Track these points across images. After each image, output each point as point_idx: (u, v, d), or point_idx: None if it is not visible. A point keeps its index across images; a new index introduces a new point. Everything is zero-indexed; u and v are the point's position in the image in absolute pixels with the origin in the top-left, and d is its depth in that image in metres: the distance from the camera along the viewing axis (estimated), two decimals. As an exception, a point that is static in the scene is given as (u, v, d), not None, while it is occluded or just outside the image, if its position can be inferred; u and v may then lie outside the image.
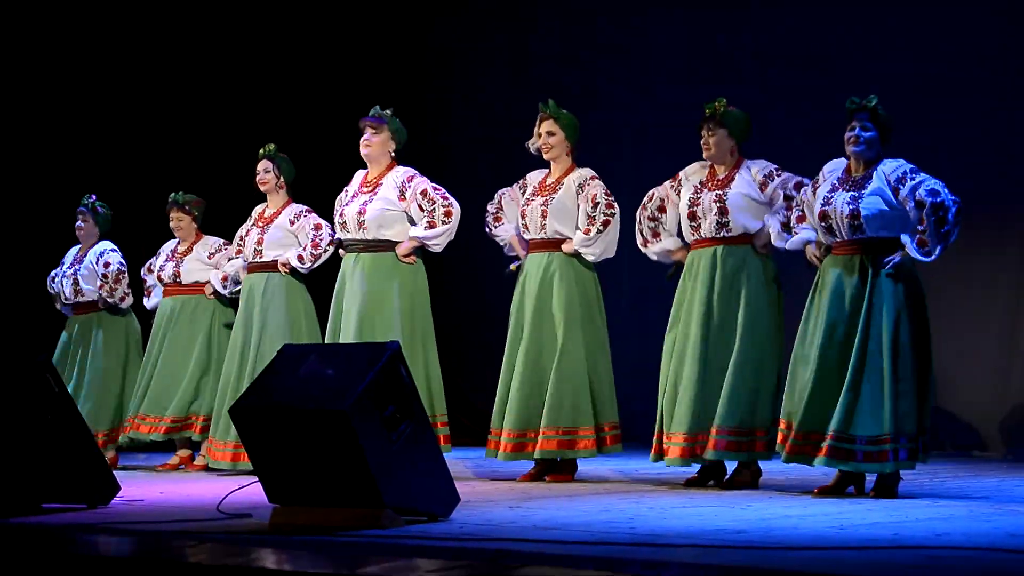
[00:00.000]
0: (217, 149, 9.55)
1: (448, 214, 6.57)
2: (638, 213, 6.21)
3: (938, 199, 5.25)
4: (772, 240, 5.85)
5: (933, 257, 5.27)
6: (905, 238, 5.31)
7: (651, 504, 5.15)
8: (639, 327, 8.05)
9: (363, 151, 6.68)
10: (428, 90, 9.99)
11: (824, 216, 5.44)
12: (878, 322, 5.32)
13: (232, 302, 7.49)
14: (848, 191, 5.41)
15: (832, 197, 5.43)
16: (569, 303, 6.30)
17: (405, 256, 6.59)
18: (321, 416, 4.39)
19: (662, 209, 6.16)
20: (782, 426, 5.49)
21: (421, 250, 6.66)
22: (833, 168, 5.57)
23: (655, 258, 6.22)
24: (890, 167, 5.40)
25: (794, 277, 6.20)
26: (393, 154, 6.71)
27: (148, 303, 7.80)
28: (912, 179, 5.33)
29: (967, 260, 7.64)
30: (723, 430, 5.75)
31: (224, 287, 7.47)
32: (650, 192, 6.20)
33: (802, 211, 5.65)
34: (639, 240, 6.23)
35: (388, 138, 6.68)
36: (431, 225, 6.56)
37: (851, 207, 5.36)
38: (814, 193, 5.55)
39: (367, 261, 6.60)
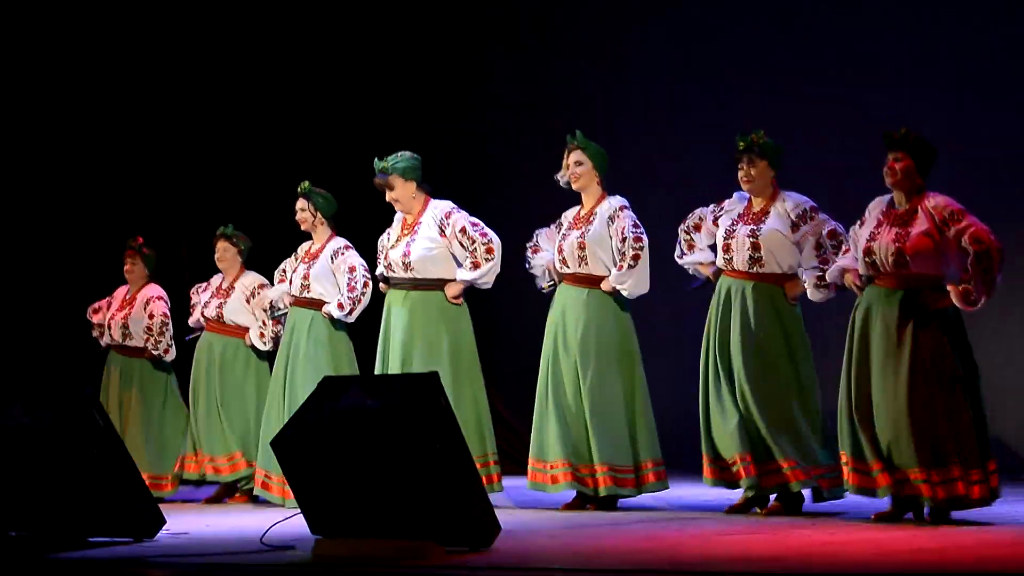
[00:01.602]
0: (261, 184, 9.64)
1: (490, 251, 6.59)
2: (679, 227, 6.27)
3: (982, 248, 5.21)
4: (808, 294, 5.86)
5: (978, 307, 5.25)
6: (950, 288, 5.27)
7: (693, 532, 5.14)
8: (675, 360, 8.03)
9: (396, 207, 6.69)
10: (462, 118, 10.03)
11: (868, 252, 5.42)
12: (917, 363, 5.28)
13: (269, 356, 7.56)
14: (893, 227, 5.39)
15: (878, 232, 5.42)
16: (607, 345, 6.29)
17: (454, 298, 6.61)
18: (362, 447, 4.42)
19: (697, 228, 6.21)
20: (843, 459, 5.47)
21: (468, 288, 6.68)
22: (878, 204, 5.56)
23: (689, 269, 6.27)
24: (934, 204, 5.35)
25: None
26: (419, 191, 6.68)
27: (191, 319, 7.89)
28: (957, 223, 5.28)
29: (1008, 289, 7.57)
30: (791, 461, 5.76)
31: (264, 344, 7.55)
32: (694, 211, 6.25)
33: (849, 246, 5.65)
34: (676, 251, 6.28)
35: (403, 183, 6.65)
36: (475, 265, 6.58)
37: (897, 244, 5.34)
38: (860, 228, 5.54)
39: (415, 300, 6.61)
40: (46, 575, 4.43)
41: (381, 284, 6.84)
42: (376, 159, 6.68)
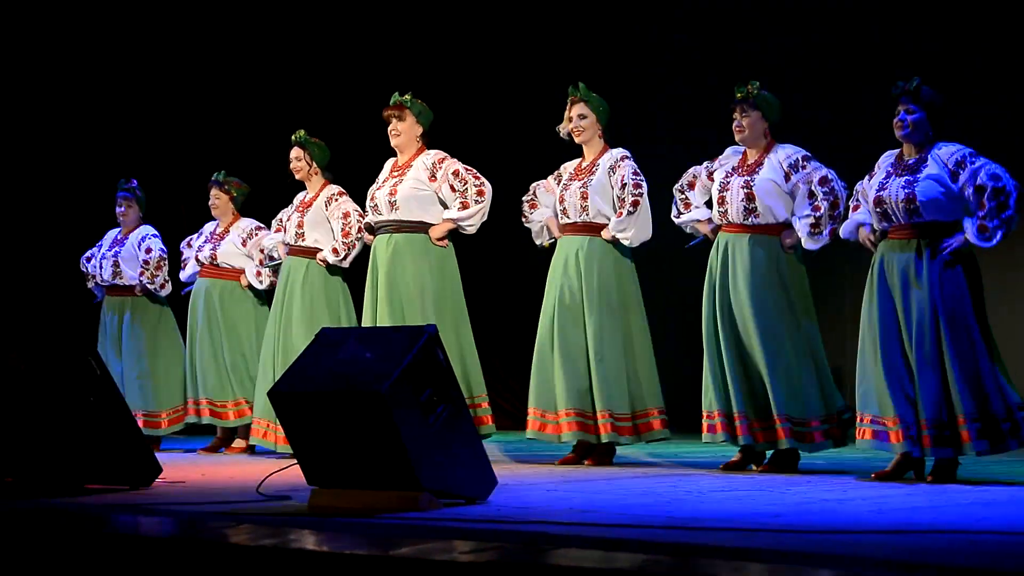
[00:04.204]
0: (257, 133, 9.61)
1: (480, 193, 6.58)
2: (674, 187, 6.24)
3: (1000, 183, 5.18)
4: (803, 243, 5.83)
5: (993, 243, 5.21)
6: (966, 223, 5.24)
7: (689, 488, 5.14)
8: (681, 314, 8.02)
9: (392, 141, 6.70)
10: (464, 72, 9.98)
11: (879, 202, 5.38)
12: (939, 308, 5.26)
13: (267, 295, 7.56)
14: (902, 175, 5.36)
15: (887, 183, 5.38)
16: (607, 291, 6.30)
17: (439, 239, 6.59)
18: (359, 399, 4.41)
19: (692, 185, 6.19)
20: (858, 418, 5.46)
21: (453, 232, 6.66)
22: (888, 158, 5.53)
23: (687, 229, 6.23)
24: (947, 151, 5.32)
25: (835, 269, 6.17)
26: (421, 138, 6.70)
27: (183, 275, 7.89)
28: (972, 164, 5.25)
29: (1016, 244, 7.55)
30: (783, 418, 5.75)
31: (260, 282, 7.54)
32: (689, 170, 6.22)
33: (857, 201, 5.62)
34: (673, 212, 6.25)
35: (414, 122, 6.67)
36: (464, 206, 6.57)
37: (906, 191, 5.30)
38: (869, 181, 5.51)
39: (400, 242, 6.61)
40: (42, 521, 4.43)
41: (366, 236, 6.83)
42: (397, 92, 6.67)
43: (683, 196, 6.22)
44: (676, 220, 6.26)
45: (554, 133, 6.48)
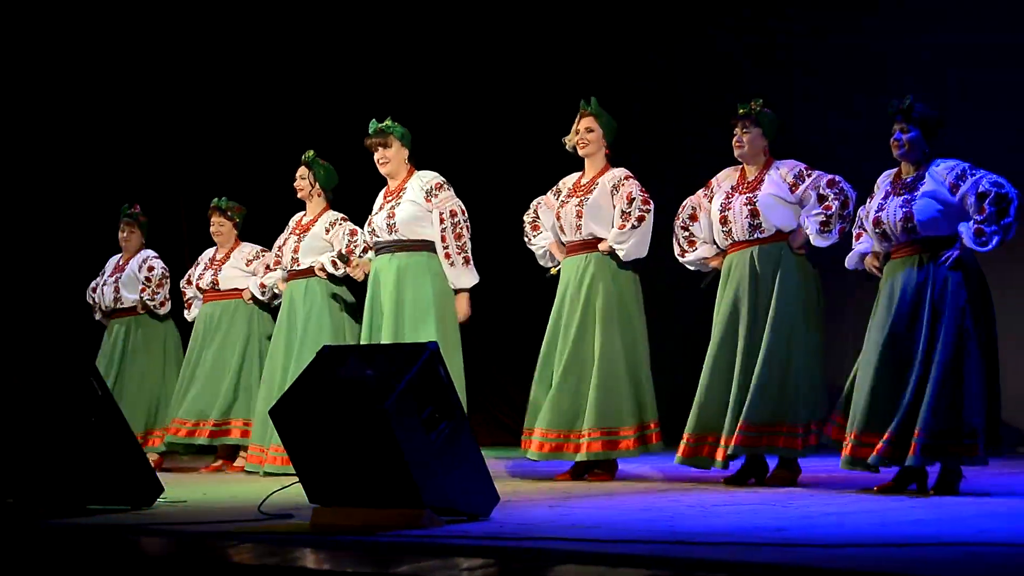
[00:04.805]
0: (260, 156, 9.62)
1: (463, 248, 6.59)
2: (674, 223, 6.21)
3: (1003, 190, 5.21)
4: (811, 240, 5.83)
5: (990, 247, 5.22)
6: (962, 227, 5.25)
7: (691, 502, 5.14)
8: (678, 328, 8.02)
9: (382, 170, 6.69)
10: (463, 87, 9.99)
11: (878, 222, 5.40)
12: (943, 318, 5.26)
13: (271, 309, 7.55)
14: (900, 195, 5.37)
15: (885, 203, 5.40)
16: (607, 303, 6.30)
17: (465, 314, 6.56)
18: (360, 416, 4.40)
19: (694, 218, 6.17)
20: (847, 433, 5.45)
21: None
22: (886, 177, 5.54)
23: (692, 267, 6.21)
24: (944, 167, 5.34)
25: (839, 278, 6.17)
26: (408, 160, 6.70)
27: (189, 315, 7.86)
28: (972, 175, 5.27)
29: (1014, 254, 7.55)
30: (746, 425, 5.73)
31: (263, 294, 7.53)
32: (684, 202, 6.20)
33: (860, 228, 5.62)
34: (676, 250, 6.22)
35: (399, 147, 6.66)
36: (467, 261, 6.56)
37: (904, 210, 5.32)
38: (869, 203, 5.52)
39: (402, 261, 6.61)
40: (44, 542, 4.43)
41: (370, 254, 6.83)
42: (374, 120, 6.67)
43: (686, 233, 6.18)
44: (681, 259, 6.22)
45: (553, 147, 6.49)
